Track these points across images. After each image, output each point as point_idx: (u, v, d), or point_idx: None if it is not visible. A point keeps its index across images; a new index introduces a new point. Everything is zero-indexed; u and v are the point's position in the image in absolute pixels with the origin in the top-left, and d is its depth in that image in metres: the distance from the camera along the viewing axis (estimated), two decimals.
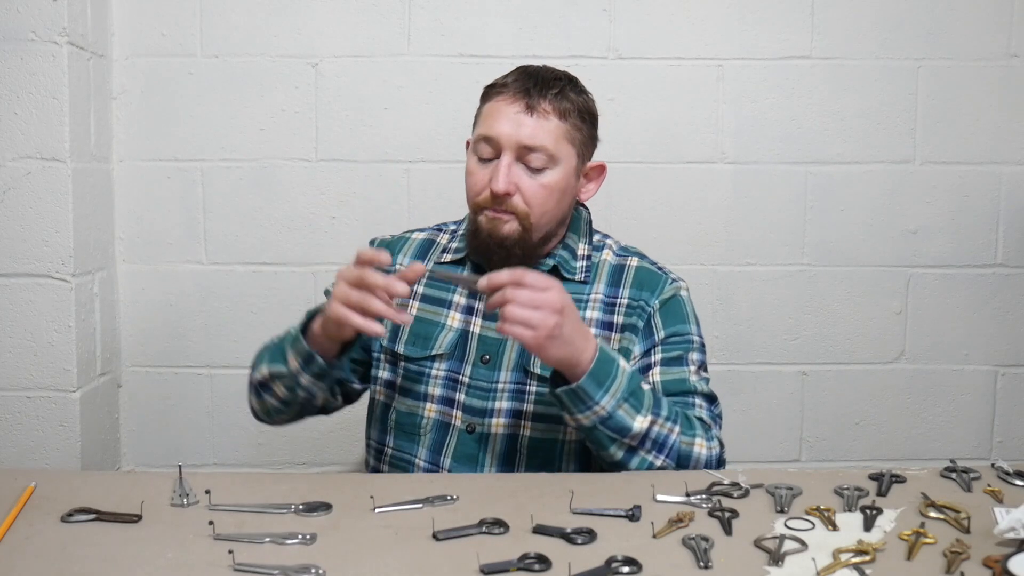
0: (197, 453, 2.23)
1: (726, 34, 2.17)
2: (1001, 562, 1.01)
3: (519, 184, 1.41)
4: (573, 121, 1.44)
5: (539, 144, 1.41)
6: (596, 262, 1.53)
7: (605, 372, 1.32)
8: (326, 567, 1.01)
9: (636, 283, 1.51)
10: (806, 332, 2.25)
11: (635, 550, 1.04)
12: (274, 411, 1.53)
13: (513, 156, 1.41)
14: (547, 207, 1.44)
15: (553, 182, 1.43)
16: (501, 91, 1.45)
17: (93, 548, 1.07)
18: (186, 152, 2.17)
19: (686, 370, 1.47)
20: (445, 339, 1.50)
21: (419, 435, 1.49)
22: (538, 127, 1.41)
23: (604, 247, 1.56)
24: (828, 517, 1.16)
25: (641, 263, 1.54)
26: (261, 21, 2.14)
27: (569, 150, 1.44)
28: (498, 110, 1.43)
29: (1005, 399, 2.28)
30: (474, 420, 1.47)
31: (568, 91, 1.45)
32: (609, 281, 1.51)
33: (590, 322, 1.48)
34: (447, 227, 1.63)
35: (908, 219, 2.23)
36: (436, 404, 1.49)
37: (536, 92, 1.42)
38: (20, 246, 1.95)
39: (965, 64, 2.19)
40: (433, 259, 1.57)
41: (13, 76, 1.91)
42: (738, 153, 2.20)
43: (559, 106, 1.43)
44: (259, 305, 2.21)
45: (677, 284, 1.53)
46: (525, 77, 1.45)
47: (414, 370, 1.51)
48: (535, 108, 1.41)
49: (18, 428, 1.99)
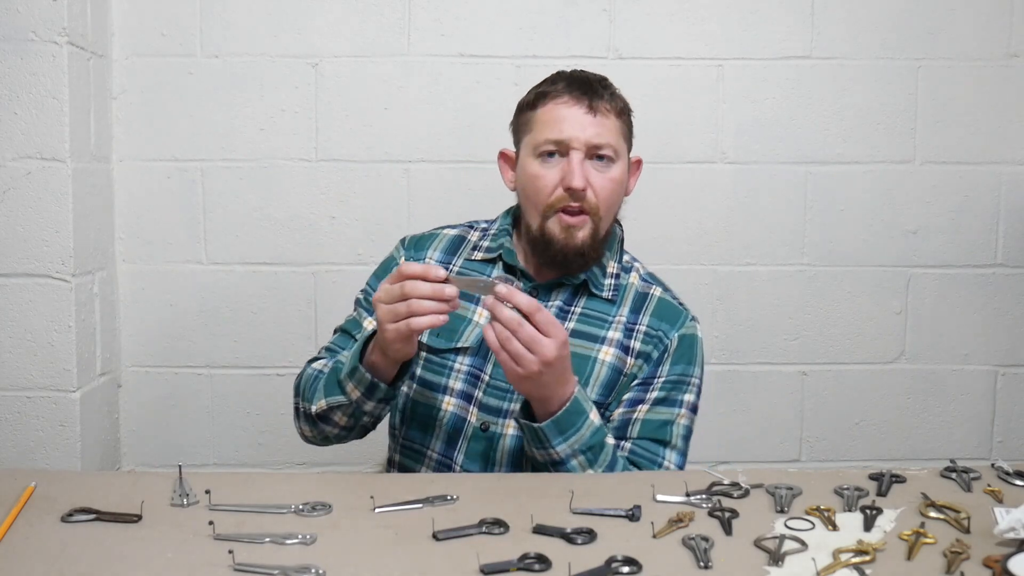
0: (197, 453, 2.23)
1: (726, 34, 2.17)
2: (1001, 562, 1.01)
3: (590, 179, 1.45)
4: (626, 119, 1.51)
5: (605, 142, 1.46)
6: (624, 284, 1.56)
7: (570, 422, 1.35)
8: (326, 567, 1.01)
9: (657, 313, 1.53)
10: (806, 332, 2.25)
11: (635, 550, 1.04)
12: (335, 437, 1.53)
13: (583, 155, 1.45)
14: (613, 200, 1.49)
15: (619, 176, 1.49)
16: (558, 95, 1.48)
17: (93, 548, 1.07)
18: (186, 152, 2.17)
19: (675, 413, 1.49)
20: (472, 334, 1.51)
21: (434, 427, 1.50)
22: (602, 126, 1.46)
23: (632, 269, 1.59)
24: (828, 517, 1.16)
25: (664, 295, 1.57)
26: (261, 21, 2.14)
27: (624, 146, 1.51)
28: (559, 114, 1.46)
29: (1005, 399, 2.28)
30: (489, 419, 1.48)
31: (615, 91, 1.51)
32: (633, 307, 1.54)
33: (611, 342, 1.50)
34: (478, 224, 1.63)
35: (908, 219, 2.23)
36: (455, 398, 1.50)
37: (593, 94, 1.47)
38: (20, 246, 1.95)
39: (965, 64, 2.19)
40: (463, 256, 1.57)
41: (13, 76, 1.91)
42: (738, 153, 2.20)
43: (615, 105, 1.49)
44: (259, 305, 2.21)
45: (695, 324, 1.55)
46: (575, 81, 1.49)
47: (436, 362, 1.51)
48: (597, 109, 1.46)
49: (18, 428, 1.98)
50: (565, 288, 1.53)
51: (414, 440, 1.53)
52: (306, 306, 2.21)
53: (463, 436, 1.49)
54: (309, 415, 1.50)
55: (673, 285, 1.61)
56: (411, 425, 1.53)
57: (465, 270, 1.56)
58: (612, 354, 1.49)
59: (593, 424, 1.37)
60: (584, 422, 1.36)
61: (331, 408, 1.46)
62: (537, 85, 1.52)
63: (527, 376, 1.29)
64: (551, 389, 1.33)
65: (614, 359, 1.49)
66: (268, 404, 2.21)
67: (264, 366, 2.22)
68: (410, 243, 1.62)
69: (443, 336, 1.51)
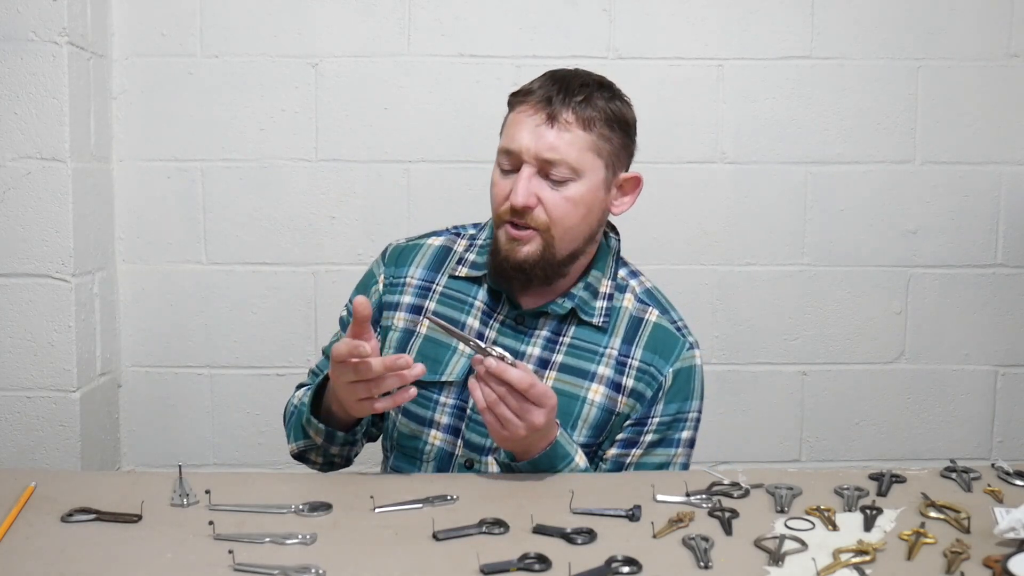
0: (197, 453, 2.23)
1: (726, 34, 2.17)
2: (1001, 562, 1.01)
3: (540, 196, 1.35)
4: (599, 131, 1.37)
5: (559, 157, 1.34)
6: (617, 307, 1.46)
7: (549, 465, 1.33)
8: (326, 567, 1.01)
9: (651, 345, 1.44)
10: (806, 332, 2.25)
11: (635, 550, 1.04)
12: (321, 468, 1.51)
13: (534, 169, 1.36)
14: (571, 222, 1.37)
15: (578, 195, 1.36)
16: (524, 100, 1.39)
17: (93, 548, 1.07)
18: (186, 152, 2.17)
19: (671, 454, 1.45)
20: (456, 366, 1.44)
21: (422, 460, 1.46)
22: (559, 139, 1.35)
23: (627, 288, 1.49)
24: (828, 517, 1.16)
25: (660, 319, 1.47)
26: (261, 21, 2.14)
27: (595, 162, 1.37)
28: (519, 121, 1.38)
29: (1005, 399, 2.28)
30: (473, 456, 1.44)
31: (596, 98, 1.38)
32: (625, 336, 1.45)
33: (601, 379, 1.43)
34: (465, 231, 1.55)
35: (908, 219, 2.23)
36: (442, 432, 1.45)
37: (559, 101, 1.36)
38: (20, 246, 1.95)
39: (965, 64, 2.19)
40: (447, 272, 1.49)
41: (13, 76, 1.91)
42: (738, 153, 2.20)
43: (583, 115, 1.36)
44: (259, 305, 2.21)
45: (692, 352, 1.46)
46: (550, 84, 1.39)
47: (421, 395, 1.41)
48: (556, 118, 1.35)
49: (18, 428, 1.98)
50: (552, 316, 1.44)
51: (402, 469, 1.49)
52: (306, 306, 2.21)
53: (450, 470, 1.45)
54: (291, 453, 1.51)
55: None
56: (399, 456, 1.50)
57: (449, 290, 1.48)
58: (602, 393, 1.42)
59: (578, 467, 1.35)
60: (566, 465, 1.34)
61: (303, 451, 1.48)
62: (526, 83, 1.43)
63: (511, 439, 1.27)
64: (531, 444, 1.31)
65: (604, 399, 1.43)
66: (268, 404, 2.21)
67: (264, 366, 2.22)
68: (391, 257, 1.53)
69: (428, 367, 1.42)
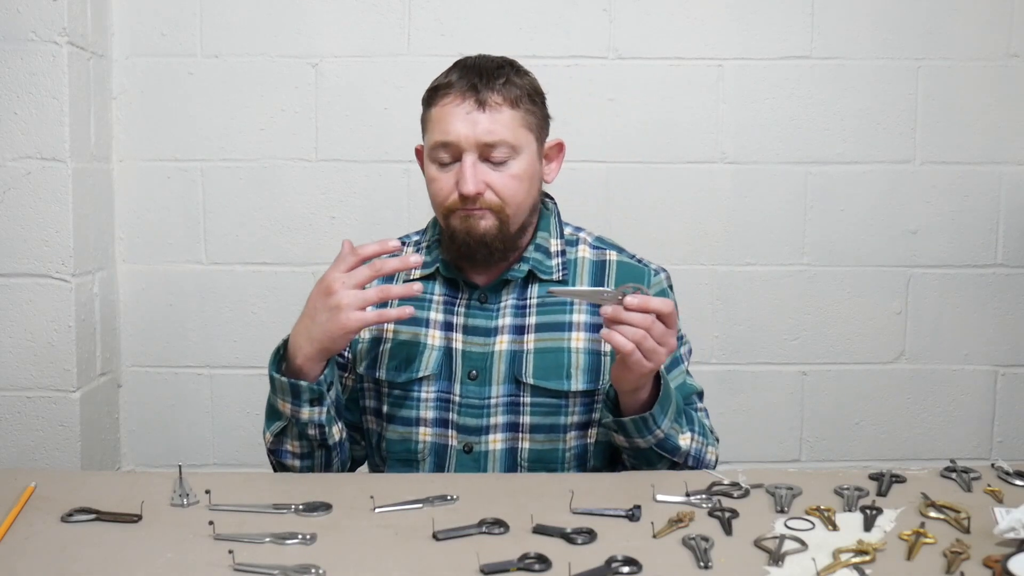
0: (197, 453, 2.23)
1: (726, 34, 2.17)
2: (1001, 562, 1.01)
3: (487, 180, 1.38)
4: (525, 107, 1.41)
5: (498, 139, 1.37)
6: (573, 259, 1.50)
7: (667, 395, 1.35)
8: (326, 567, 1.01)
9: (620, 281, 1.46)
10: (806, 332, 2.25)
11: (635, 550, 1.04)
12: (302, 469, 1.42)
13: (475, 156, 1.38)
14: (520, 197, 1.41)
15: (520, 171, 1.40)
16: (447, 92, 1.40)
17: (93, 548, 1.07)
18: (186, 152, 2.17)
19: (683, 369, 1.49)
20: (430, 359, 1.45)
21: (417, 461, 1.45)
22: (493, 121, 1.37)
23: (578, 241, 1.52)
24: (828, 517, 1.16)
25: (620, 257, 1.51)
26: (261, 21, 2.15)
27: (527, 136, 1.41)
28: (449, 113, 1.39)
29: (1005, 399, 2.28)
30: (470, 439, 1.43)
31: (513, 77, 1.41)
32: (592, 280, 1.48)
33: (578, 326, 1.45)
34: (409, 239, 1.56)
35: (908, 219, 2.23)
36: (431, 427, 1.44)
37: (483, 86, 1.38)
38: (20, 246, 1.95)
39: (965, 64, 2.19)
40: (401, 280, 1.49)
41: (13, 76, 1.91)
42: (738, 153, 2.20)
43: (508, 95, 1.39)
44: (259, 305, 2.21)
45: (660, 277, 1.51)
46: (467, 72, 1.41)
47: (400, 395, 1.45)
48: (485, 103, 1.37)
49: (18, 428, 1.99)
50: (512, 284, 1.47)
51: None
52: None
53: (447, 462, 1.44)
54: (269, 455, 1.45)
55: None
56: (393, 465, 1.48)
57: None
58: (584, 338, 1.44)
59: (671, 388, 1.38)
60: (670, 389, 1.36)
61: (277, 437, 1.41)
62: (436, 78, 1.44)
63: (655, 368, 1.29)
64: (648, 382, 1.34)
65: (587, 343, 1.44)
66: None
67: (264, 366, 2.19)
68: None
69: (401, 368, 1.45)
